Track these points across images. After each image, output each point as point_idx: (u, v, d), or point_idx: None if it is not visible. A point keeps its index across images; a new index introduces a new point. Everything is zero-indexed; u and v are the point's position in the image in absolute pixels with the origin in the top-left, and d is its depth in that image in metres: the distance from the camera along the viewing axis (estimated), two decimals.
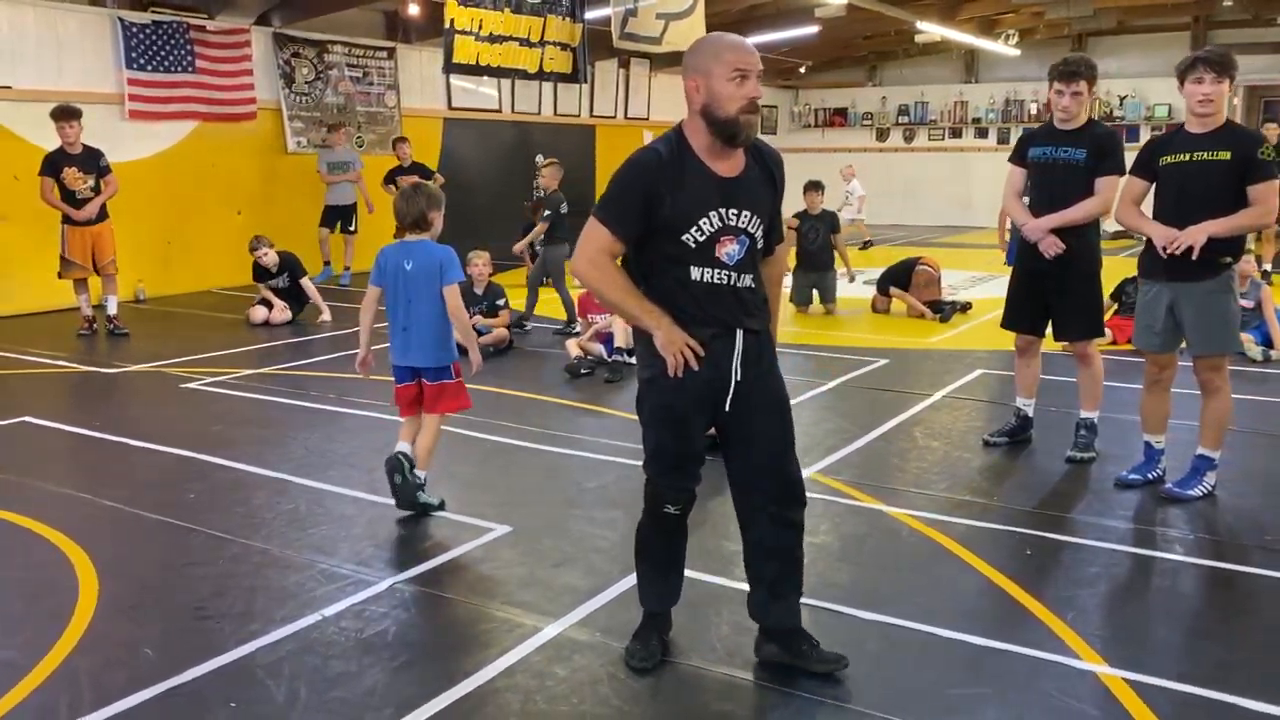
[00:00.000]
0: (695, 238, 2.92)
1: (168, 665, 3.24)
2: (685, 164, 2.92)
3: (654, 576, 3.32)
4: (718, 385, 3.01)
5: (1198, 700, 3.04)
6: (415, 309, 4.61)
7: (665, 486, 3.15)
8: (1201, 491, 4.75)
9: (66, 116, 8.65)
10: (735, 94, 2.85)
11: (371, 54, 13.49)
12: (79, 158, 8.75)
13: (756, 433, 3.08)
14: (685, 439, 3.09)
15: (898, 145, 21.77)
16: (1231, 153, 4.46)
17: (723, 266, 2.94)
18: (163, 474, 5.21)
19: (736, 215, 2.94)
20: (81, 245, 8.86)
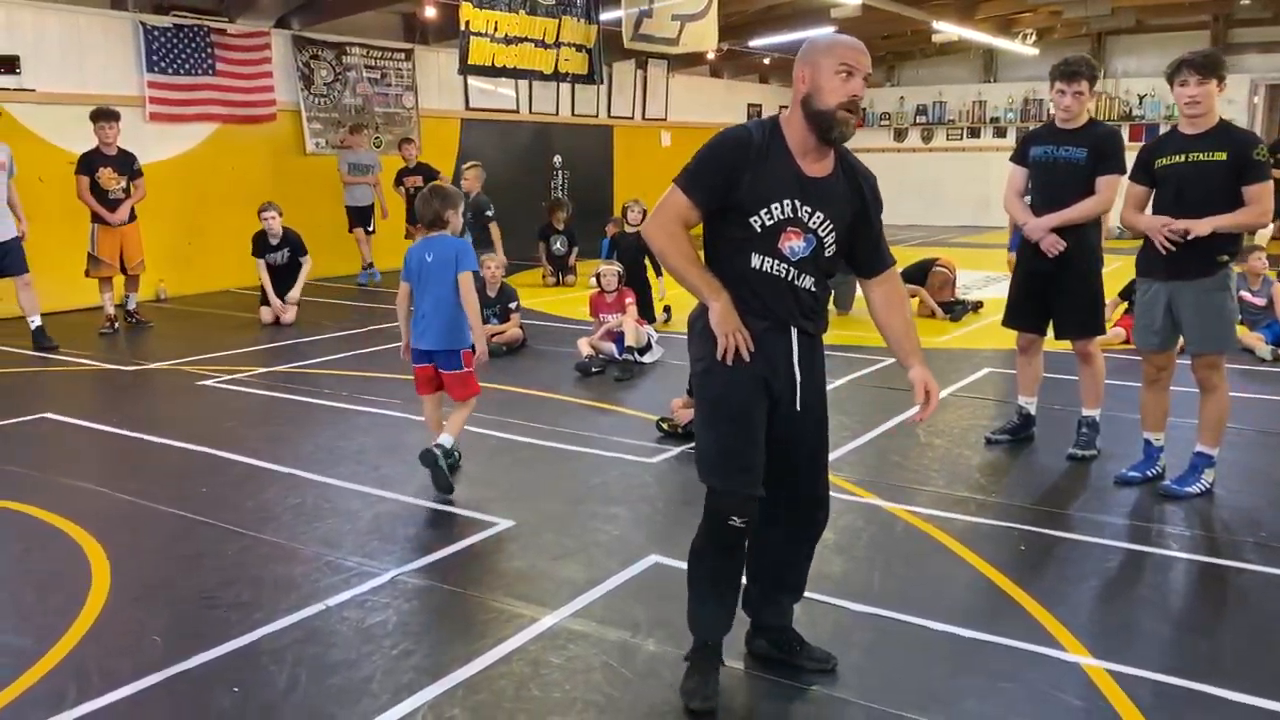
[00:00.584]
0: (763, 221, 2.86)
1: (174, 652, 3.34)
2: (772, 149, 2.89)
3: (714, 603, 3.09)
4: (773, 381, 2.95)
5: (1178, 690, 3.09)
6: (432, 296, 5.01)
7: (731, 493, 2.92)
8: (1199, 489, 4.79)
9: (106, 118, 9.04)
10: (838, 88, 2.83)
11: (389, 56, 13.62)
12: (114, 159, 9.08)
13: (798, 439, 3.04)
14: (749, 433, 2.92)
15: (915, 145, 21.76)
16: (1227, 153, 4.49)
17: (783, 259, 2.89)
18: (177, 469, 5.32)
19: (809, 213, 2.89)
20: (111, 245, 9.13)
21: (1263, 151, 4.51)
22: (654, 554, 4.13)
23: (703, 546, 3.05)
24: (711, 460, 2.96)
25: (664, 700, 3.07)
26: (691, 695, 2.99)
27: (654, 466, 5.33)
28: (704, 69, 19.10)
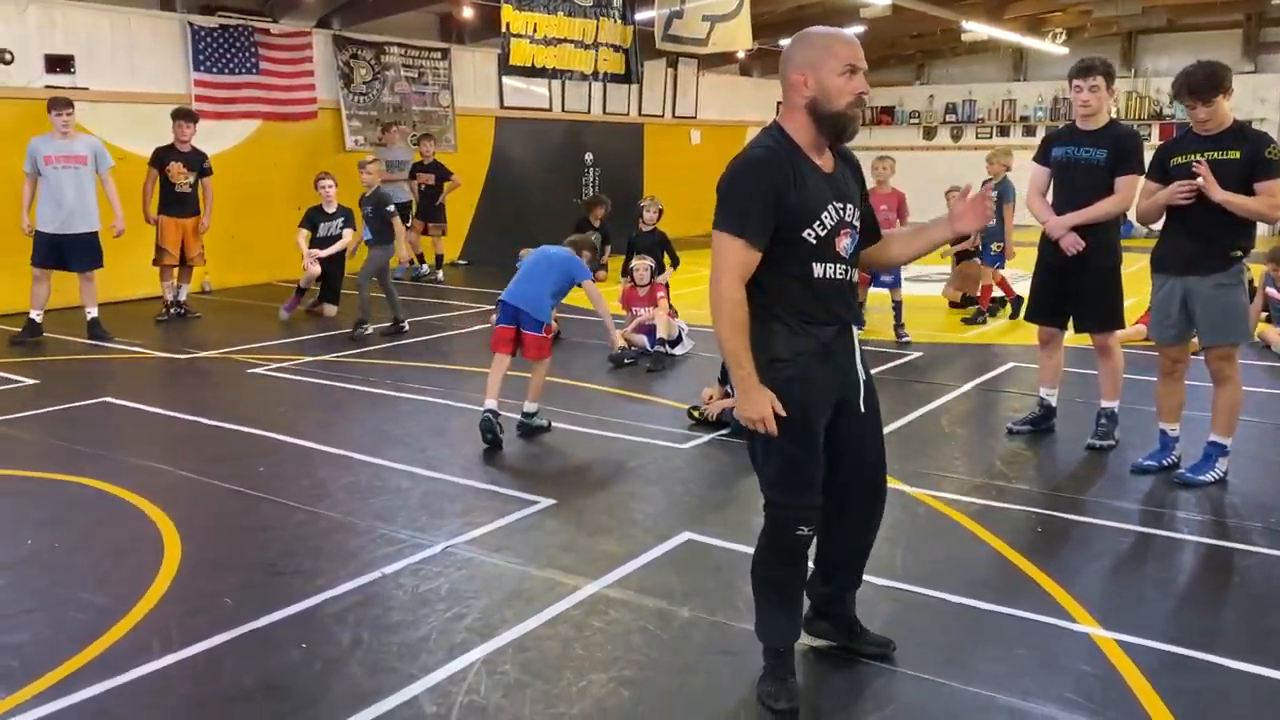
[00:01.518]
0: (817, 232, 2.87)
1: (245, 612, 3.62)
2: (797, 160, 2.88)
3: (783, 611, 3.10)
4: (840, 386, 3.00)
5: (1181, 658, 3.30)
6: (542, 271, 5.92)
7: (796, 505, 2.96)
8: (1213, 477, 4.97)
9: (185, 118, 9.64)
10: (845, 88, 2.84)
11: (426, 55, 13.93)
12: (186, 155, 9.59)
13: (866, 438, 3.10)
14: (814, 447, 2.96)
15: (945, 144, 21.83)
16: (1241, 152, 4.68)
17: (841, 261, 2.93)
18: (233, 450, 5.62)
19: (843, 209, 2.94)
20: (174, 235, 9.54)
21: (1275, 150, 4.69)
22: (687, 531, 4.37)
23: (769, 557, 3.06)
24: (774, 477, 2.97)
25: (698, 659, 3.31)
26: (775, 697, 3.01)
27: (685, 452, 5.57)
28: (734, 67, 19.30)
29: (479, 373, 7.40)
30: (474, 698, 3.08)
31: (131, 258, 9.80)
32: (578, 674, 3.22)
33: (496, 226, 14.45)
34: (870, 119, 22.76)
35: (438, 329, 9.36)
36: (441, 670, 3.23)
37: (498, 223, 14.59)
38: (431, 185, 12.64)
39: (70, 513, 4.66)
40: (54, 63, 10.21)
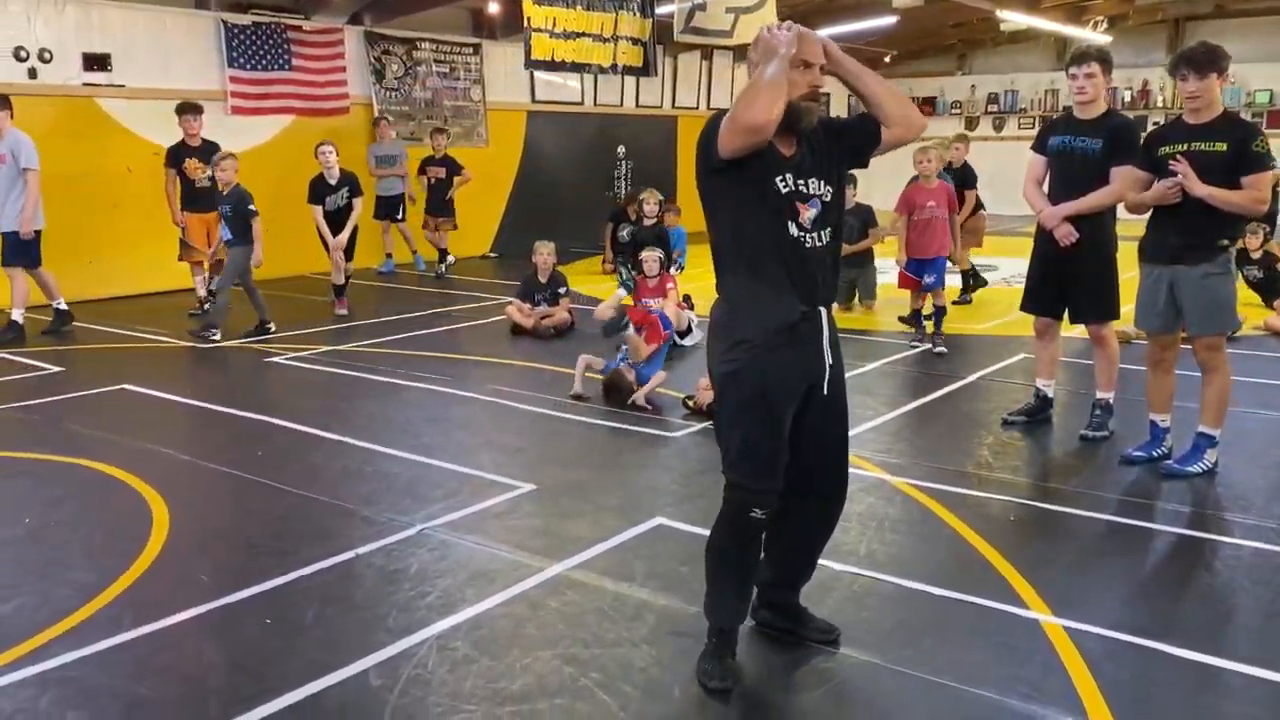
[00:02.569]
0: (779, 188, 2.95)
1: (218, 589, 3.76)
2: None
3: (731, 592, 3.16)
4: (809, 369, 3.03)
5: (1127, 646, 3.30)
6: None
7: (754, 489, 3.01)
8: (1200, 468, 4.92)
9: (191, 112, 9.64)
10: (798, 82, 2.94)
11: (457, 50, 14.09)
12: (199, 150, 9.64)
13: (828, 425, 3.14)
14: (778, 433, 3.00)
15: (987, 134, 21.55)
16: (1228, 144, 4.62)
17: (808, 229, 2.97)
18: (236, 435, 5.79)
19: (805, 184, 2.99)
20: (199, 231, 9.70)
21: (1262, 144, 4.63)
22: (659, 516, 4.44)
23: (723, 538, 3.12)
24: (735, 457, 3.02)
25: (646, 639, 3.38)
26: (710, 676, 3.07)
27: (676, 440, 5.63)
28: None
29: (486, 362, 7.56)
30: (420, 672, 3.18)
31: (166, 250, 10.07)
32: (525, 651, 3.30)
33: (528, 220, 14.55)
34: None
35: (456, 320, 9.50)
36: (394, 646, 3.33)
37: (529, 216, 14.71)
38: (442, 179, 12.54)
39: (71, 493, 4.85)
40: (91, 61, 10.51)
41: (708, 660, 3.15)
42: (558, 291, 8.90)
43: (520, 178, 15.12)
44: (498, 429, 5.91)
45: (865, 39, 18.69)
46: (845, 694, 3.07)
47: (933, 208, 7.88)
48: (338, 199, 9.90)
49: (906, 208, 7.98)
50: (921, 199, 7.92)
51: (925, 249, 7.91)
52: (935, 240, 7.91)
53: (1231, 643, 3.36)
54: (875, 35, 18.42)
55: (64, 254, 10.51)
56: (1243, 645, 3.33)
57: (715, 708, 3.00)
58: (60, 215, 10.33)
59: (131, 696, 3.07)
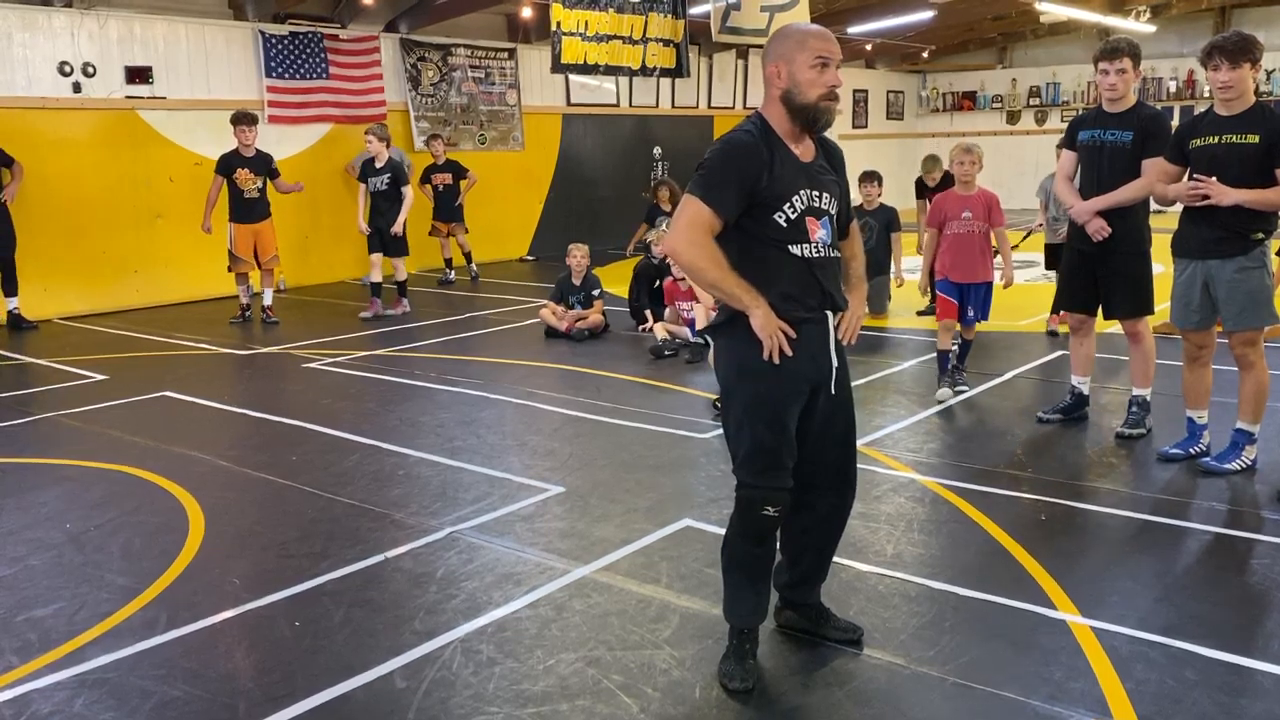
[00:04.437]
0: (788, 215, 2.96)
1: (250, 592, 3.83)
2: (774, 145, 2.98)
3: (748, 591, 3.16)
4: (814, 372, 3.05)
5: (1155, 646, 3.25)
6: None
7: (765, 487, 3.04)
8: (1240, 465, 4.84)
9: (245, 121, 9.66)
10: (816, 80, 2.94)
11: (493, 55, 14.19)
12: (251, 160, 9.69)
13: (834, 425, 3.14)
14: (785, 432, 3.03)
15: (1029, 128, 21.31)
16: (1260, 136, 4.53)
17: (815, 244, 3.00)
18: (272, 440, 5.88)
19: (819, 197, 3.02)
20: (246, 242, 9.75)
21: None
22: (687, 518, 4.44)
23: (736, 537, 3.13)
24: (744, 457, 3.04)
25: (669, 641, 3.39)
26: (730, 677, 3.09)
27: (705, 441, 5.63)
28: None
29: (519, 365, 7.61)
30: (444, 674, 3.21)
31: (208, 259, 10.25)
32: (548, 653, 3.33)
33: (565, 222, 14.64)
34: (951, 104, 22.41)
35: (494, 323, 9.57)
36: (420, 648, 3.37)
37: (566, 218, 14.79)
38: (450, 185, 12.31)
39: (111, 499, 4.95)
40: (134, 74, 10.73)
41: (728, 661, 3.16)
42: (592, 294, 8.93)
43: (556, 180, 15.20)
44: (529, 431, 5.95)
45: (903, 34, 18.57)
46: (866, 695, 3.06)
47: (968, 220, 6.41)
48: (379, 182, 10.07)
49: (937, 218, 6.53)
50: (955, 208, 6.47)
51: (962, 271, 6.38)
52: (973, 260, 6.39)
53: (1265, 643, 3.29)
54: (912, 30, 18.28)
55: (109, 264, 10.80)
56: (1276, 644, 3.27)
57: (735, 708, 3.00)
58: (105, 226, 10.60)
59: (163, 697, 3.13)
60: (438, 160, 12.40)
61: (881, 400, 6.36)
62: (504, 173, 14.26)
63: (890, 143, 21.39)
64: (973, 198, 6.49)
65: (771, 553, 3.21)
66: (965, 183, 6.56)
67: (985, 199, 6.50)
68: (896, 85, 22.31)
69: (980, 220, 6.42)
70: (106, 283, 10.72)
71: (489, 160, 14.13)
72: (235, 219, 9.72)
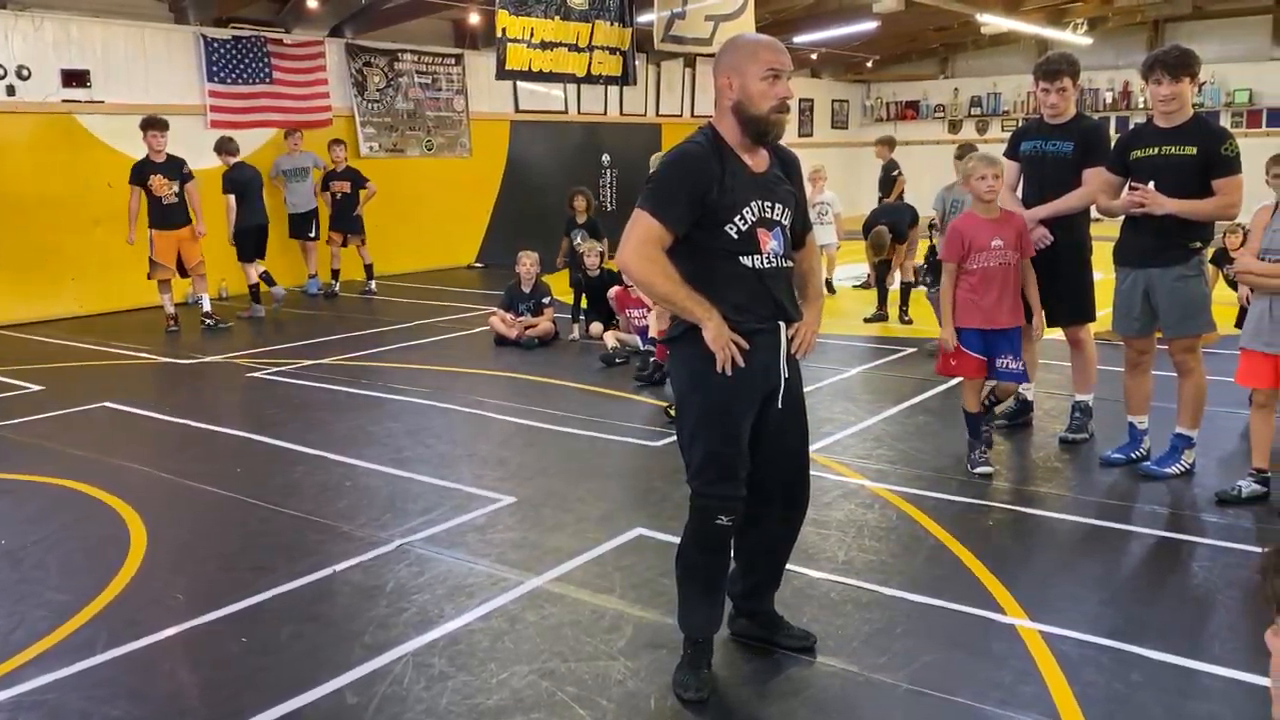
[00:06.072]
0: (739, 227, 2.95)
1: (194, 608, 3.74)
2: (724, 157, 2.98)
3: (702, 600, 3.16)
4: (765, 382, 3.05)
5: (1103, 650, 3.30)
6: None
7: (718, 496, 3.03)
8: (1179, 469, 4.94)
9: (157, 127, 9.40)
10: (768, 92, 2.93)
11: (440, 61, 14.09)
12: (164, 166, 9.45)
13: (787, 435, 3.15)
14: (737, 442, 3.03)
15: (971, 136, 21.61)
16: (1198, 148, 4.64)
17: (766, 255, 3.00)
18: (215, 451, 5.77)
19: (771, 208, 3.01)
20: (168, 249, 9.53)
21: (1232, 147, 4.65)
22: (640, 527, 4.43)
23: (690, 546, 3.14)
24: (697, 466, 3.05)
25: (624, 651, 3.38)
26: (685, 687, 3.08)
27: (657, 450, 5.62)
28: None
29: (468, 374, 7.55)
30: (396, 689, 3.17)
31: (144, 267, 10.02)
32: (502, 666, 3.29)
33: (514, 229, 14.55)
34: (895, 113, 22.70)
35: (443, 331, 9.49)
36: (371, 664, 3.32)
37: (515, 226, 14.71)
38: (348, 193, 11.89)
39: (48, 513, 4.82)
40: (70, 77, 10.49)
41: (683, 671, 3.16)
42: (541, 301, 8.89)
43: (505, 187, 15.13)
44: (479, 441, 5.91)
45: (848, 44, 18.77)
46: (821, 703, 3.07)
47: (1000, 249, 5.01)
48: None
49: (958, 251, 5.05)
50: (983, 237, 5.01)
51: (994, 313, 5.02)
52: (1005, 301, 5.04)
53: (1207, 644, 3.37)
54: (857, 40, 18.49)
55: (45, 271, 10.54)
56: (1218, 647, 3.34)
57: (690, 719, 3.00)
58: (41, 233, 10.35)
59: (103, 718, 3.04)
60: (337, 167, 11.91)
61: (830, 407, 6.41)
62: (451, 179, 14.17)
63: (835, 151, 21.59)
64: (1000, 222, 5.06)
65: (725, 562, 3.21)
66: (988, 203, 5.08)
67: (1016, 224, 5.12)
68: (841, 94, 22.56)
69: (1012, 250, 5.04)
70: (43, 290, 10.46)
71: (436, 167, 14.04)
72: (155, 225, 9.44)
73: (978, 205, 5.11)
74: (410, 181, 13.57)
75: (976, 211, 5.12)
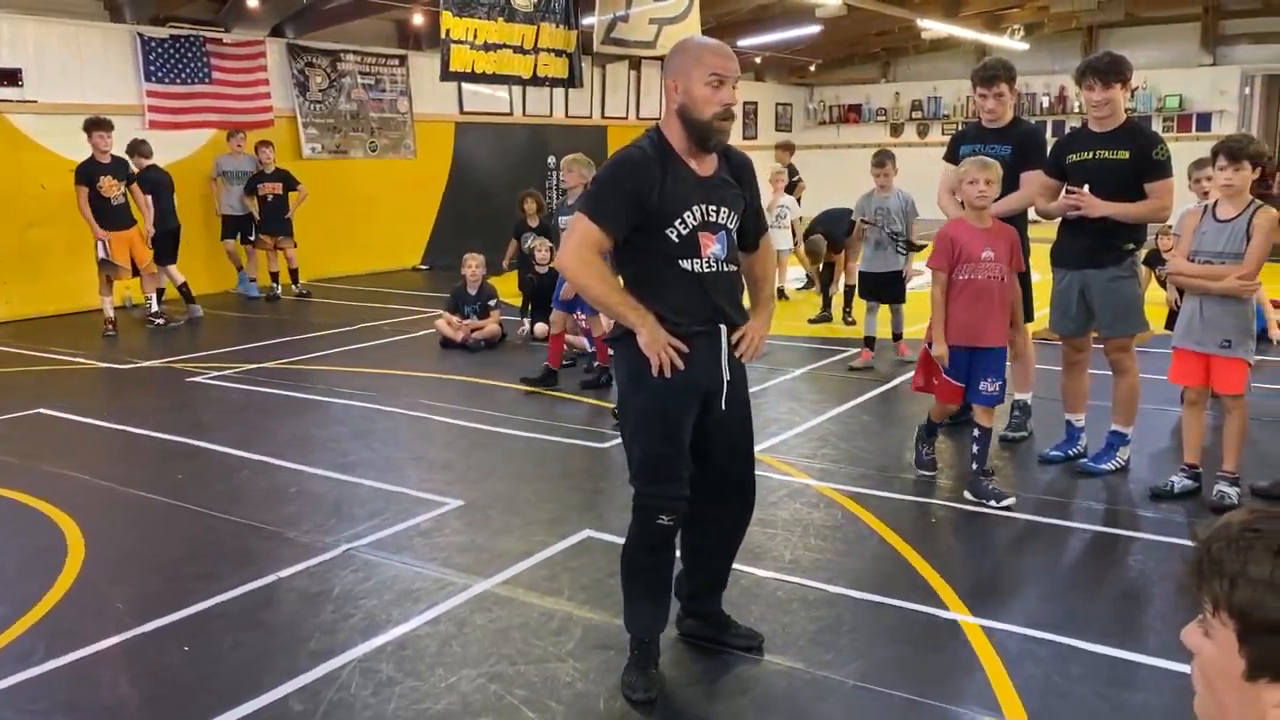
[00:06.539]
0: (679, 231, 2.96)
1: (134, 617, 3.68)
2: (668, 161, 2.98)
3: (647, 601, 3.17)
4: (707, 384, 3.06)
5: (1041, 643, 3.38)
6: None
7: (658, 495, 3.05)
8: (1115, 465, 5.06)
9: (103, 127, 9.31)
10: (711, 98, 2.93)
11: (383, 62, 13.96)
12: (110, 166, 9.39)
13: (731, 436, 3.17)
14: (677, 442, 3.05)
15: (911, 140, 21.94)
16: (1130, 152, 4.76)
17: (707, 259, 3.00)
18: (157, 457, 5.67)
19: (715, 211, 3.01)
20: (122, 248, 9.45)
21: (1163, 151, 4.78)
22: (588, 528, 4.44)
23: (634, 546, 3.15)
24: (638, 467, 3.08)
25: (572, 654, 3.38)
26: (634, 688, 3.09)
27: (604, 451, 5.64)
28: None
29: (414, 377, 7.50)
30: (343, 695, 3.14)
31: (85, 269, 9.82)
32: (450, 670, 3.28)
33: (459, 231, 14.46)
34: (837, 116, 22.94)
35: (388, 334, 9.41)
36: (316, 670, 3.29)
37: (461, 228, 14.62)
38: (279, 195, 11.63)
39: None
40: (2, 76, 10.23)
41: (631, 672, 3.18)
42: (487, 304, 8.86)
43: (450, 189, 15.03)
44: (425, 444, 5.88)
45: (791, 47, 18.94)
46: (767, 701, 3.10)
47: (990, 261, 4.70)
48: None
49: (948, 259, 4.74)
50: (975, 246, 4.70)
51: (980, 330, 4.72)
52: (994, 317, 4.74)
53: (1142, 636, 3.46)
54: (800, 44, 18.66)
55: None
56: (1152, 638, 3.43)
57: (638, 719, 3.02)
58: None
59: None
60: (266, 169, 11.60)
61: (776, 407, 6.46)
62: (396, 181, 14.05)
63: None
64: (992, 233, 4.76)
65: (670, 562, 3.23)
66: (980, 210, 4.76)
67: (1008, 236, 4.82)
68: (785, 98, 22.74)
69: (1003, 262, 4.73)
70: None
71: (380, 168, 13.92)
72: (107, 227, 9.36)
73: (969, 213, 4.78)
74: (354, 183, 13.45)
75: (968, 219, 4.78)
